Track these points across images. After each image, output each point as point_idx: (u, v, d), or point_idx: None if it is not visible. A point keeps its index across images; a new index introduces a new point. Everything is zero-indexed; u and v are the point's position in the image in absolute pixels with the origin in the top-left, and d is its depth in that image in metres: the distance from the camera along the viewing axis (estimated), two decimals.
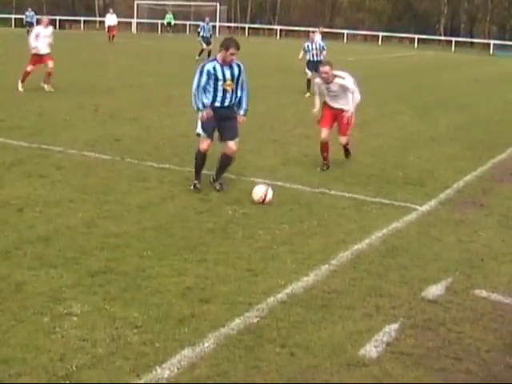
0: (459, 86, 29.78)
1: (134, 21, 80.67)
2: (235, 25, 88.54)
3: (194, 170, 10.64)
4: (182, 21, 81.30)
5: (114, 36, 50.68)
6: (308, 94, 22.09)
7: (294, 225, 9.05)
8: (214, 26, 41.74)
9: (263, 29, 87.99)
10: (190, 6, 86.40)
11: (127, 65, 32.78)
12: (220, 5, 79.20)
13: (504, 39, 76.36)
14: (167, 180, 11.05)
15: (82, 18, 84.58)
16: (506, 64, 49.37)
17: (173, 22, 74.45)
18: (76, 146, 13.37)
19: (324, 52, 24.10)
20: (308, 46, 24.37)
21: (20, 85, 21.12)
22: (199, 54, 36.33)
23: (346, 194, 10.69)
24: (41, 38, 21.07)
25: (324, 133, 12.39)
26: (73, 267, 7.20)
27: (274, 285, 6.97)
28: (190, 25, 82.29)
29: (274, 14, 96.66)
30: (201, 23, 39.56)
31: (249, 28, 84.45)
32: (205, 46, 36.68)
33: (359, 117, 18.84)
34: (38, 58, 21.14)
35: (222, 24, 78.99)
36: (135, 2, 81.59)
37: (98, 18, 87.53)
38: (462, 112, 21.53)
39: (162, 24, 77.51)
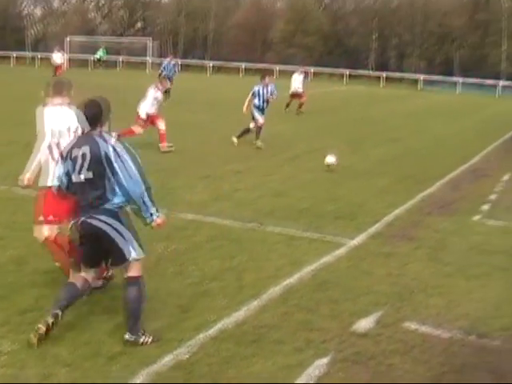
0: (389, 120, 30.28)
1: (66, 56, 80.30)
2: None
3: None
4: (114, 55, 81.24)
5: (59, 74, 48.46)
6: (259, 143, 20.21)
7: (225, 260, 9.09)
8: (175, 65, 41.03)
9: (195, 64, 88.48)
10: (121, 41, 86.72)
11: None
12: (152, 40, 79.65)
13: (433, 74, 78.11)
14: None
15: (14, 53, 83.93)
16: (435, 98, 50.43)
17: (104, 56, 74.57)
18: (5, 182, 13.19)
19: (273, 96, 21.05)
20: (259, 91, 20.83)
21: None
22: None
23: (277, 229, 10.76)
24: None
25: None
26: (2, 305, 7.10)
27: (204, 321, 6.98)
28: (121, 60, 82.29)
29: (205, 50, 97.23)
30: (164, 61, 39.13)
31: (180, 64, 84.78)
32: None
33: (290, 151, 19.23)
34: None
35: (153, 59, 79.22)
36: (66, 38, 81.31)
37: (29, 53, 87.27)
38: (392, 145, 21.91)
39: (94, 59, 77.56)
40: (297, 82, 32.61)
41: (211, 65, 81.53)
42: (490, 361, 6.50)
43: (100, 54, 75.35)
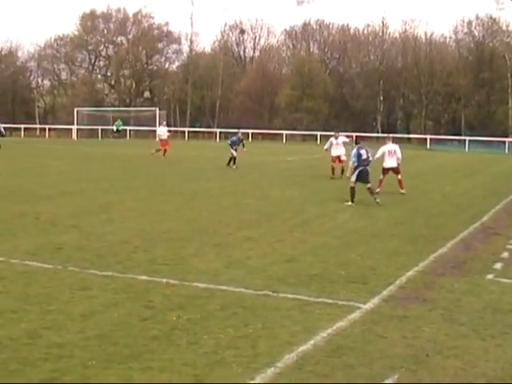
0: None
1: (75, 127, 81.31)
2: (175, 129, 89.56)
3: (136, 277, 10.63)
4: (123, 126, 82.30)
5: (165, 150, 45.69)
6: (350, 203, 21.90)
7: (239, 328, 9.08)
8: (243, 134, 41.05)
9: (203, 132, 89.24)
10: (129, 111, 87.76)
11: (68, 171, 32.85)
12: (159, 110, 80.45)
13: (439, 133, 78.43)
14: (110, 287, 11.01)
15: (23, 126, 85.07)
16: (443, 157, 50.63)
17: (121, 127, 76.13)
18: (17, 255, 13.29)
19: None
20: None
21: None
22: (229, 163, 36.84)
23: (290, 295, 10.76)
24: None
25: None
26: (16, 379, 7.11)
27: None
28: (130, 130, 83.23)
29: (213, 117, 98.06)
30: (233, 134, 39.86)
31: (188, 131, 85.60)
32: (234, 152, 36.82)
33: (300, 216, 19.29)
34: None
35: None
36: (75, 109, 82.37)
37: (38, 126, 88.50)
38: (401, 206, 21.97)
39: (103, 129, 78.75)
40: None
41: (218, 132, 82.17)
42: None
43: (118, 125, 77.22)
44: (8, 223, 17.17)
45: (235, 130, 41.95)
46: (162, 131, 47.58)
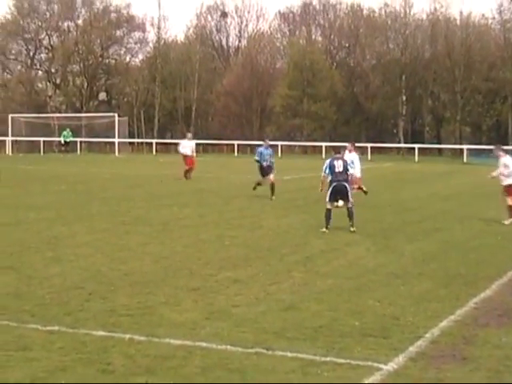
0: (426, 205, 30.44)
1: (9, 139, 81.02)
2: (140, 140, 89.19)
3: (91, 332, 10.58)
4: (71, 138, 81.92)
5: (189, 170, 44.08)
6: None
7: None
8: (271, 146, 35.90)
9: (175, 143, 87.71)
10: (80, 118, 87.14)
11: (3, 196, 32.77)
12: (119, 116, 79.99)
13: (480, 143, 78.20)
14: (56, 347, 10.96)
15: None
16: (484, 173, 50.59)
17: (70, 139, 76.15)
18: None
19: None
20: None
21: None
22: (254, 188, 33.98)
23: (289, 354, 10.72)
24: None
25: None
26: None
27: None
28: (80, 142, 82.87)
29: (187, 125, 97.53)
30: (259, 147, 35.41)
31: (156, 143, 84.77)
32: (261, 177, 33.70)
33: (301, 252, 19.28)
34: None
35: (121, 140, 79.61)
36: (8, 116, 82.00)
37: None
38: (431, 238, 21.98)
39: (45, 141, 78.60)
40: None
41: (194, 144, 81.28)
42: None
43: (66, 136, 77.06)
44: None
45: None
46: (187, 146, 45.99)
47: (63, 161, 63.88)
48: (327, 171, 23.31)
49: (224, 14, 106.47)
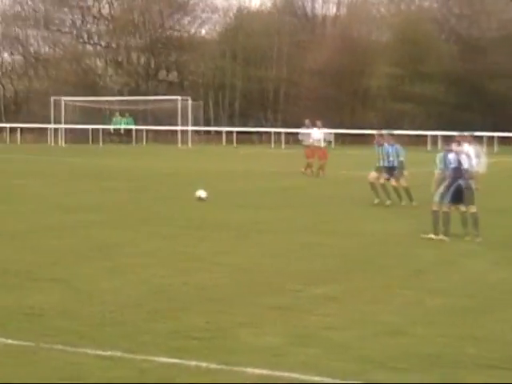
0: None
1: (51, 126, 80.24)
2: (216, 128, 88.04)
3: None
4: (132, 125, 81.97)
5: (325, 163, 44.96)
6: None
7: None
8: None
9: (257, 132, 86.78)
10: (146, 101, 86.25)
11: (45, 195, 33.08)
12: (192, 100, 79.58)
13: None
14: (111, 375, 10.90)
15: None
16: None
17: (130, 125, 76.10)
18: None
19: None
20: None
21: None
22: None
23: None
24: None
25: None
26: None
27: None
28: (146, 131, 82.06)
29: (265, 110, 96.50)
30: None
31: (236, 133, 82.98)
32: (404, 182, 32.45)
33: (408, 264, 19.07)
34: None
35: (193, 128, 78.93)
36: (51, 98, 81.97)
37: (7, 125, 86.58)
38: None
39: (96, 130, 78.26)
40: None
41: (283, 133, 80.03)
42: None
43: (126, 123, 76.99)
44: None
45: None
46: (318, 136, 46.07)
47: (120, 153, 64.34)
48: (442, 166, 22.91)
49: None
